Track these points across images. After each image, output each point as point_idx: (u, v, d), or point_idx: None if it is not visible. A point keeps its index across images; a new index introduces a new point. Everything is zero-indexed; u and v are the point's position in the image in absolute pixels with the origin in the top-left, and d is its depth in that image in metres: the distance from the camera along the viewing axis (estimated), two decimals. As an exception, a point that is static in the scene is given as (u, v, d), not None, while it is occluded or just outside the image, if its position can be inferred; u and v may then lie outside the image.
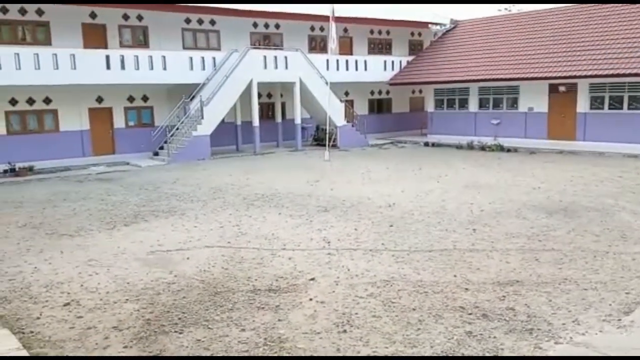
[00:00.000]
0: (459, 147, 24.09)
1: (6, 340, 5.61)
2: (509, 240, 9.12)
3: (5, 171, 18.67)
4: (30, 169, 18.95)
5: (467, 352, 5.26)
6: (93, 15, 20.94)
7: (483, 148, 23.12)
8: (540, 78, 22.51)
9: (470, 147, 23.75)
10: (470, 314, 6.15)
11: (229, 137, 23.71)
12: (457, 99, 26.71)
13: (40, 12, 19.83)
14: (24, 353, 5.30)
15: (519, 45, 25.01)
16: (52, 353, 5.41)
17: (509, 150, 22.25)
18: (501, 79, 23.89)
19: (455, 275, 7.43)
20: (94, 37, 20.99)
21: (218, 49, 23.83)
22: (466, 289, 6.93)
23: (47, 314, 6.43)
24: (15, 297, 6.97)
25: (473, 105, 26.01)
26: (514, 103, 24.58)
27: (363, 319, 6.08)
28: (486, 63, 25.22)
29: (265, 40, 25.46)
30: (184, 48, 23.06)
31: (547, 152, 21.47)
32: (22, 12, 19.51)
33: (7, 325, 6.05)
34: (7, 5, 19.10)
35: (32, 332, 5.92)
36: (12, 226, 11.02)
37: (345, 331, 5.78)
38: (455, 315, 6.11)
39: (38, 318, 6.30)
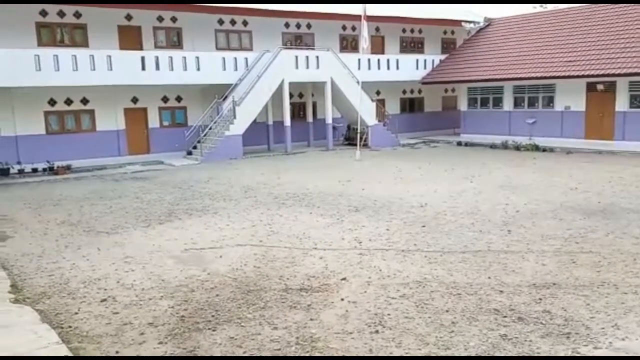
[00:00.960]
0: (493, 146, 23.68)
1: (46, 334, 5.77)
2: (545, 241, 8.91)
3: (44, 170, 19.25)
4: (68, 168, 19.50)
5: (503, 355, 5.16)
6: (129, 17, 21.39)
7: (518, 148, 22.67)
8: (578, 76, 21.94)
9: (504, 146, 23.32)
10: (505, 316, 6.04)
11: (261, 136, 23.89)
12: (491, 98, 26.27)
13: (78, 15, 20.38)
14: (64, 347, 5.44)
15: (555, 42, 24.44)
16: (89, 348, 5.55)
17: (544, 150, 21.75)
18: (537, 78, 23.39)
19: (489, 277, 7.30)
20: (130, 38, 21.46)
21: (250, 49, 24.04)
22: (501, 291, 6.80)
23: (85, 309, 6.59)
24: (54, 293, 7.17)
25: (507, 104, 25.54)
26: (550, 102, 24.03)
27: (395, 320, 6.03)
28: (521, 61, 24.72)
29: (297, 40, 25.55)
30: (217, 49, 23.34)
31: (584, 152, 20.90)
32: (61, 14, 20.08)
33: (47, 319, 6.22)
34: (47, 8, 19.69)
35: (70, 327, 6.08)
36: (51, 223, 11.35)
37: (377, 332, 5.74)
38: (489, 318, 6.00)
39: (76, 313, 6.46)
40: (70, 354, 5.29)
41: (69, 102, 20.68)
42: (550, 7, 34.08)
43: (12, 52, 18.17)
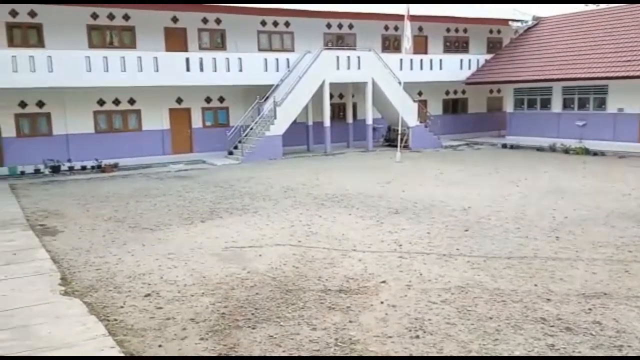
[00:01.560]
0: (540, 149, 23.00)
1: (94, 326, 5.96)
2: (595, 249, 8.57)
3: (92, 167, 19.93)
4: (115, 166, 20.10)
5: (549, 367, 4.98)
6: (175, 19, 21.87)
7: (566, 151, 21.95)
8: (633, 77, 20.99)
9: (552, 149, 22.62)
10: (552, 326, 5.82)
11: (300, 137, 23.98)
12: (538, 99, 25.52)
13: (126, 18, 20.97)
14: (110, 339, 5.59)
15: (609, 41, 23.50)
16: (134, 341, 5.67)
17: (595, 154, 20.97)
18: (588, 78, 22.52)
19: (535, 285, 7.07)
20: (175, 40, 21.93)
21: (292, 50, 24.15)
22: (548, 299, 6.57)
23: (130, 303, 6.75)
24: (101, 286, 7.38)
25: (556, 106, 24.74)
26: (601, 103, 23.12)
27: (436, 325, 5.90)
28: (572, 61, 23.90)
29: (339, 41, 25.51)
30: (259, 50, 23.57)
31: (638, 156, 20.02)
32: (111, 17, 20.71)
33: (94, 312, 6.41)
34: (97, 11, 20.36)
35: (116, 319, 6.23)
36: (98, 219, 11.70)
37: (418, 337, 5.63)
38: (536, 327, 5.80)
39: (121, 307, 6.62)
40: (116, 346, 5.43)
41: (117, 102, 21.30)
42: (603, 5, 32.80)
43: (65, 54, 18.89)
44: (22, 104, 19.70)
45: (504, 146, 24.79)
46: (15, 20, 19.22)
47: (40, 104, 20.02)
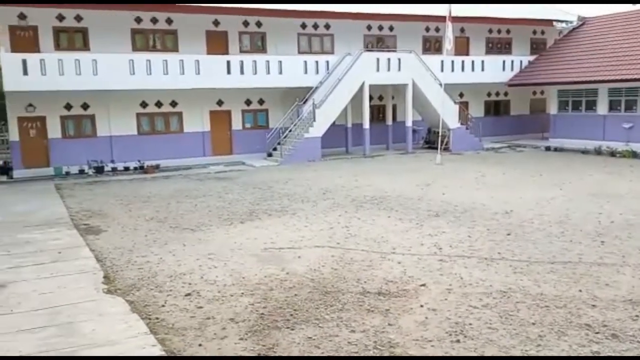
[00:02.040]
0: (585, 152, 22.29)
1: (136, 324, 6.09)
2: (645, 255, 8.24)
3: (135, 168, 20.46)
4: (157, 167, 20.58)
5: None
6: (216, 22, 22.24)
7: (612, 154, 21.20)
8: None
9: (597, 152, 21.89)
10: (597, 332, 5.63)
11: (339, 139, 23.97)
12: (583, 101, 24.74)
13: (169, 21, 21.46)
14: (152, 337, 5.71)
15: (659, 40, 22.56)
16: (175, 340, 5.77)
17: (643, 157, 20.19)
18: (636, 79, 21.68)
19: (580, 290, 6.84)
20: (217, 43, 22.29)
21: (331, 52, 24.17)
22: (593, 305, 6.36)
23: (171, 302, 6.87)
24: (143, 285, 7.55)
25: (602, 108, 23.92)
26: (650, 105, 22.22)
27: (477, 330, 5.79)
28: (618, 62, 23.05)
29: (379, 43, 25.39)
30: (299, 52, 23.69)
31: (690, 159, 19.15)
32: (154, 21, 21.23)
33: (136, 310, 6.56)
34: (141, 15, 20.89)
35: (157, 318, 6.36)
36: (140, 219, 11.99)
37: (458, 341, 5.53)
38: (580, 333, 5.62)
39: (163, 306, 6.76)
40: (157, 345, 5.54)
41: (159, 104, 21.81)
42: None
43: (110, 57, 19.48)
44: (68, 106, 20.40)
45: (548, 149, 24.13)
46: (62, 24, 19.94)
47: (85, 106, 20.67)
